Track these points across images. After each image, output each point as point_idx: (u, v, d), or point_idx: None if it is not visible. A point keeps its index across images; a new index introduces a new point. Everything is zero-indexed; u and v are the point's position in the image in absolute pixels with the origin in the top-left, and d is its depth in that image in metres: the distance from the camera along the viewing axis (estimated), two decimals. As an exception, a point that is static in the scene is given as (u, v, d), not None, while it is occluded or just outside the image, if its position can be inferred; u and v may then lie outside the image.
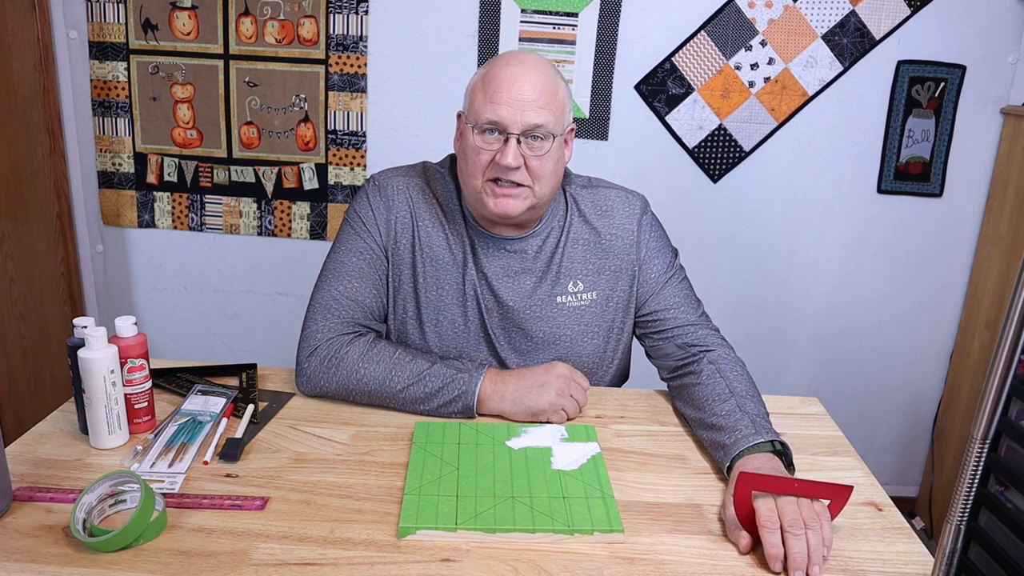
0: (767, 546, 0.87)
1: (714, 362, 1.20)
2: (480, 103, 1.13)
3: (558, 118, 1.14)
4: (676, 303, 1.27)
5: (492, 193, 1.15)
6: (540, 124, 1.12)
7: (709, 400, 1.14)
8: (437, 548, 0.88)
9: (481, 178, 1.15)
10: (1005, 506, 1.70)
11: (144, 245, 2.28)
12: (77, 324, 1.03)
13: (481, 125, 1.13)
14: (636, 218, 1.27)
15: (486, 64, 1.18)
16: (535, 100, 1.11)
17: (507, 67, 1.13)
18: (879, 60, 2.10)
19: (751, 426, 1.05)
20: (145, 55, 2.11)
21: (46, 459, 1.01)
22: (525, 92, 1.11)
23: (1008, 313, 0.66)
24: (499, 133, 1.13)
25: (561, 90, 1.16)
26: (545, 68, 1.15)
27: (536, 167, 1.14)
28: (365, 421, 1.15)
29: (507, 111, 1.11)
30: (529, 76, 1.12)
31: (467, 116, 1.17)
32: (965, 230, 2.25)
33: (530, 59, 1.15)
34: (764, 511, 0.89)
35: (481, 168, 1.15)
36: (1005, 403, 1.74)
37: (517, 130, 1.12)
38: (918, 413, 2.41)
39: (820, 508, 0.91)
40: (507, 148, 1.12)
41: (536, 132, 1.12)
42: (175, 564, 0.83)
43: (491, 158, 1.14)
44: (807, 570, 0.86)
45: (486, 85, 1.13)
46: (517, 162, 1.12)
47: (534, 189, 1.16)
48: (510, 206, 1.15)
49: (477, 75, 1.18)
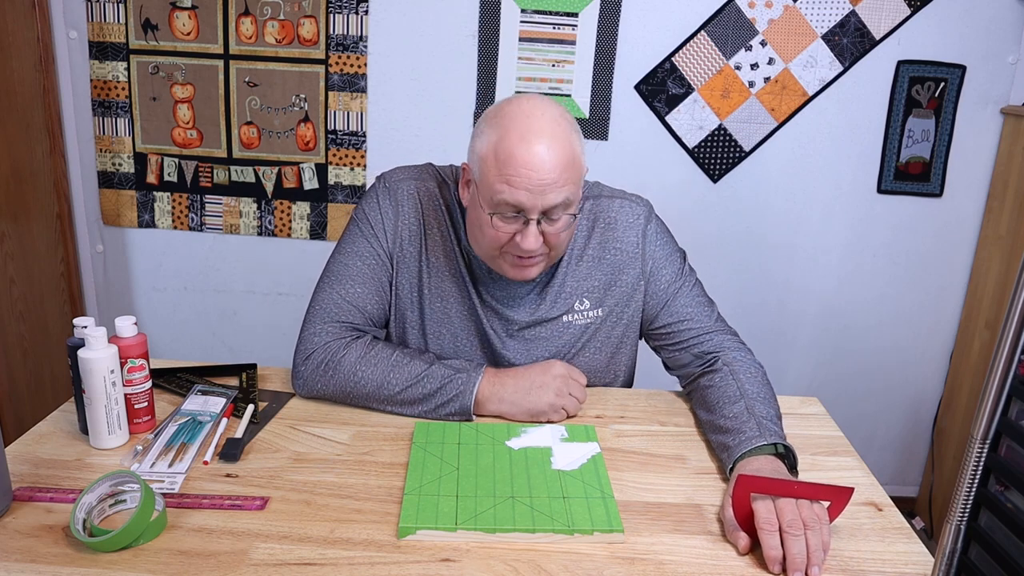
0: (766, 548, 0.87)
1: (728, 364, 1.19)
2: (494, 181, 1.05)
3: (577, 186, 1.08)
4: (689, 313, 1.25)
5: (511, 264, 1.12)
6: (561, 203, 1.06)
7: (719, 402, 1.13)
8: (437, 548, 0.88)
9: (497, 250, 1.11)
10: (1005, 506, 1.70)
11: (144, 245, 2.28)
12: (77, 324, 1.03)
13: (497, 206, 1.06)
14: (640, 229, 1.24)
15: (497, 123, 1.07)
16: (555, 180, 1.04)
17: (521, 143, 1.03)
18: (879, 60, 2.10)
19: (756, 428, 1.05)
20: (145, 55, 2.11)
21: (46, 459, 1.01)
22: (545, 175, 1.03)
23: (1008, 313, 0.66)
24: (516, 213, 1.06)
25: (577, 152, 1.07)
26: (559, 131, 1.05)
27: (554, 241, 1.10)
28: (365, 421, 1.15)
29: (526, 196, 1.03)
30: (547, 154, 1.03)
31: (478, 187, 1.09)
32: (965, 230, 2.25)
33: (544, 125, 1.05)
34: (763, 512, 0.89)
35: (498, 245, 1.10)
36: (1005, 403, 1.73)
37: (536, 214, 1.05)
38: (918, 413, 2.41)
39: (820, 510, 0.91)
40: (527, 232, 1.06)
41: (557, 209, 1.06)
42: (175, 564, 0.83)
43: (509, 236, 1.08)
44: (806, 571, 0.86)
45: (500, 163, 1.04)
46: (538, 243, 1.08)
47: (550, 254, 1.13)
48: (528, 273, 1.13)
49: (488, 142, 1.06)
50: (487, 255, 1.15)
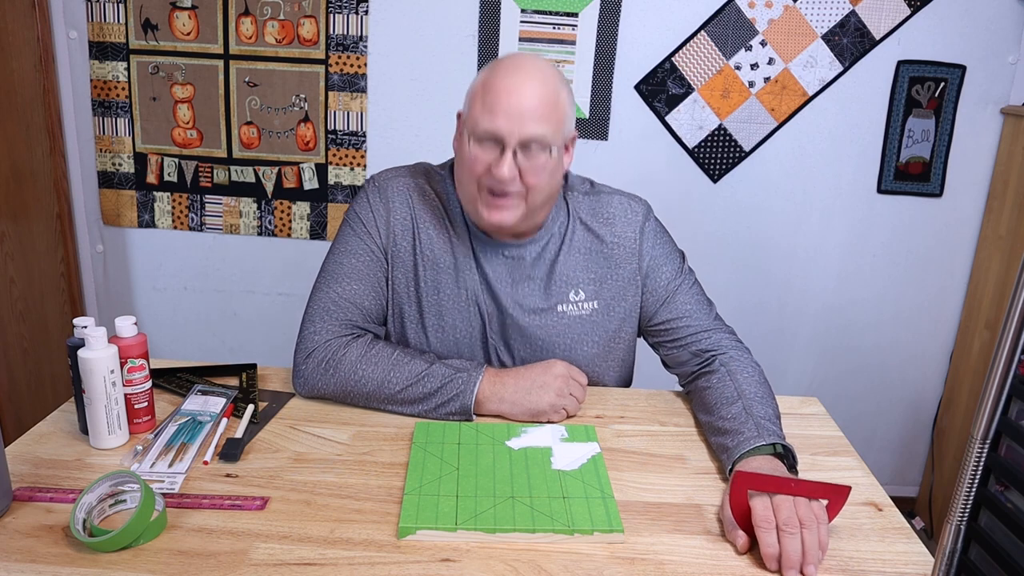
0: (763, 545, 0.87)
1: (726, 364, 1.19)
2: (478, 112, 1.10)
3: (557, 129, 1.11)
4: (688, 311, 1.26)
5: (486, 203, 1.14)
6: (538, 136, 1.09)
7: (718, 404, 1.13)
8: (437, 548, 0.88)
9: (475, 184, 1.14)
10: (1005, 506, 1.70)
11: (144, 245, 2.28)
12: (77, 324, 1.03)
13: (478, 135, 1.11)
14: (638, 225, 1.26)
15: (489, 67, 1.14)
16: (534, 111, 1.08)
17: (507, 76, 1.10)
18: (879, 60, 2.10)
19: (754, 429, 1.05)
20: (145, 55, 2.11)
21: (46, 459, 1.01)
22: (524, 103, 1.08)
23: (1008, 313, 0.66)
24: (495, 143, 1.10)
25: (563, 99, 1.13)
26: (547, 75, 1.12)
27: (531, 179, 1.12)
28: (365, 421, 1.15)
29: (504, 122, 1.08)
30: (529, 86, 1.09)
31: (465, 120, 1.14)
32: (965, 230, 2.25)
33: (532, 66, 1.12)
34: (760, 510, 0.89)
35: (476, 176, 1.13)
36: (1005, 403, 1.73)
37: (514, 142, 1.09)
38: (918, 413, 2.41)
39: (818, 508, 0.91)
40: (502, 160, 1.09)
41: (534, 144, 1.10)
42: (175, 564, 0.83)
43: (486, 167, 1.11)
44: (802, 569, 0.86)
45: (485, 93, 1.10)
46: (512, 174, 1.10)
47: (527, 198, 1.14)
48: (503, 217, 1.14)
49: (478, 79, 1.14)
50: (468, 195, 1.16)
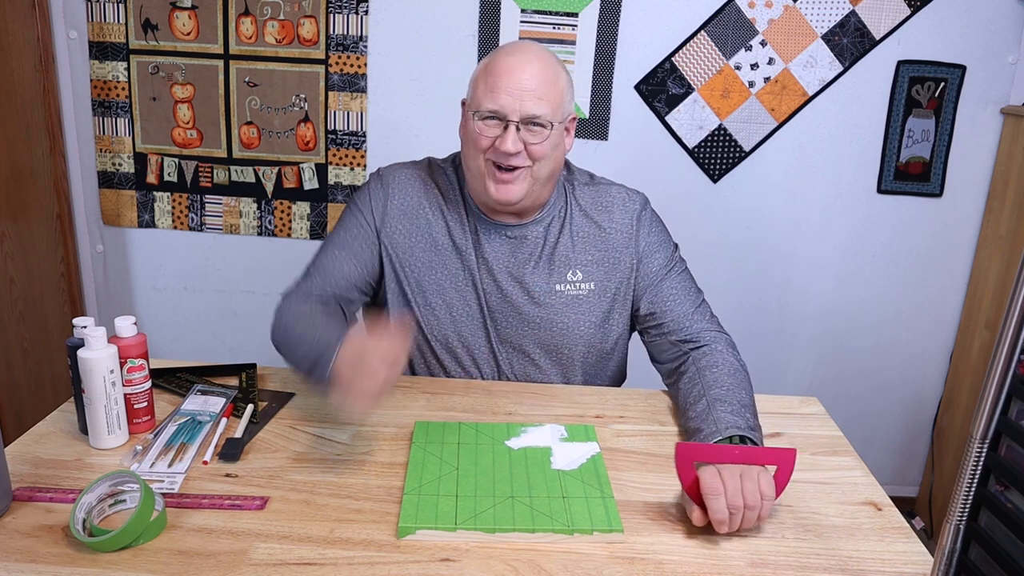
0: (712, 512, 0.90)
1: (697, 362, 1.21)
2: (481, 92, 1.17)
3: (556, 107, 1.18)
4: (673, 295, 1.29)
5: (493, 177, 1.19)
6: (538, 114, 1.15)
7: (685, 405, 1.17)
8: (437, 548, 0.88)
9: (481, 158, 1.19)
10: (1005, 506, 1.70)
11: (144, 245, 2.28)
12: (77, 324, 1.03)
13: (482, 113, 1.17)
14: (635, 213, 1.30)
15: (490, 54, 1.21)
16: (534, 90, 1.15)
17: (508, 57, 1.17)
18: (879, 60, 2.10)
19: (712, 424, 1.06)
20: (145, 55, 2.11)
21: (46, 459, 1.01)
22: (524, 81, 1.15)
23: (1008, 313, 0.66)
24: (499, 120, 1.16)
25: (561, 79, 1.20)
26: (545, 57, 1.19)
27: (535, 150, 1.17)
28: (365, 421, 1.15)
29: (506, 100, 1.14)
30: (528, 65, 1.16)
31: (469, 104, 1.21)
32: (965, 230, 2.25)
33: (531, 49, 1.19)
34: (707, 480, 0.91)
35: (482, 149, 1.18)
36: (1005, 403, 1.73)
37: (516, 118, 1.15)
38: (918, 413, 2.41)
39: (766, 485, 0.92)
40: (506, 134, 1.15)
41: (535, 120, 1.16)
42: (175, 564, 0.83)
43: (491, 143, 1.17)
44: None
45: (487, 74, 1.17)
46: (516, 147, 1.16)
47: (532, 169, 1.19)
48: (511, 192, 1.19)
49: (480, 65, 1.22)
50: (475, 173, 1.21)
